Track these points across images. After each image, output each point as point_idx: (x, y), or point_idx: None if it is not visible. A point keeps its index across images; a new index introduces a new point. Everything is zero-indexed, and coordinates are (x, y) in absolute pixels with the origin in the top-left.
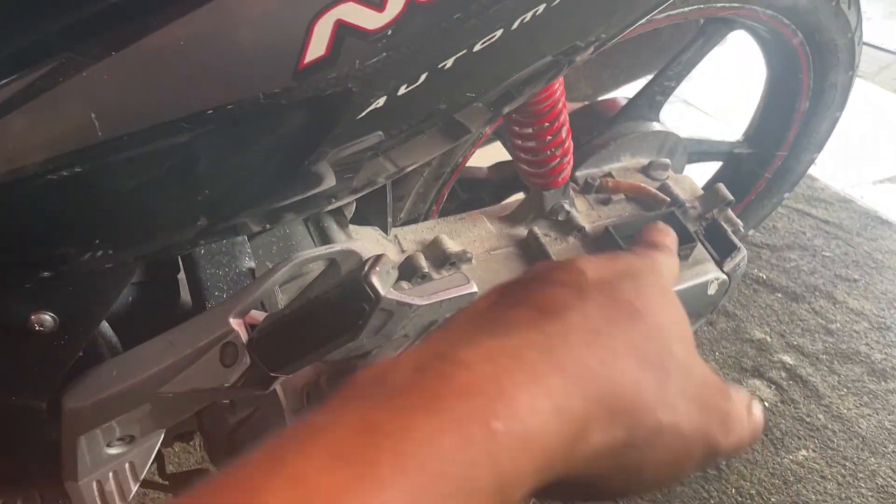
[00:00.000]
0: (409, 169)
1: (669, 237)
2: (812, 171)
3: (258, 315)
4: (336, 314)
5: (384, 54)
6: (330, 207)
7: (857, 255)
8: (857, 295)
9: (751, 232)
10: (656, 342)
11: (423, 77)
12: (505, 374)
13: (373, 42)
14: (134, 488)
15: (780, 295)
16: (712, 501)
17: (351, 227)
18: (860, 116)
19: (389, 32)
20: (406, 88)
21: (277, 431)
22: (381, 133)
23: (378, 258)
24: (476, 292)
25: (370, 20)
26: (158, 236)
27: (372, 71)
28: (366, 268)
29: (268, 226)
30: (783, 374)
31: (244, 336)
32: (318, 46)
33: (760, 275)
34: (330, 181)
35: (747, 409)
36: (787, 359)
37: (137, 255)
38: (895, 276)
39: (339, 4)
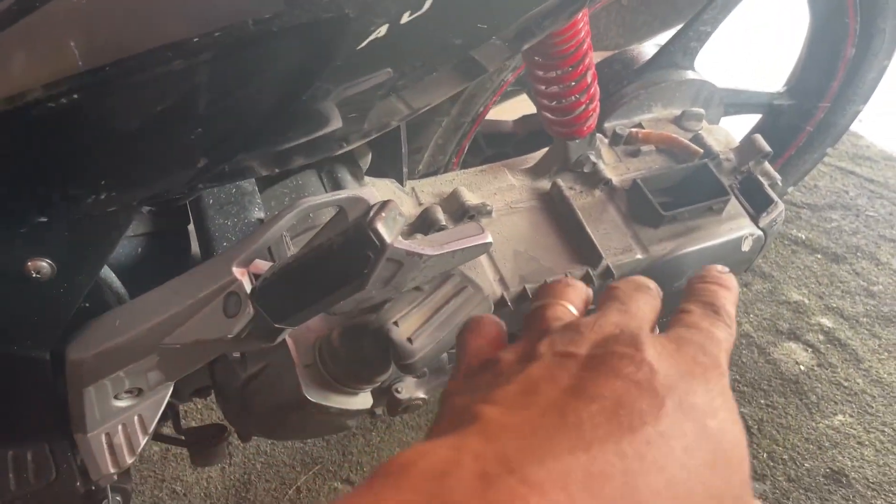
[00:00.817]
0: (423, 110)
1: (732, 292)
2: (857, 127)
3: (263, 265)
4: (340, 263)
5: None
6: (341, 151)
7: None
8: None
9: (790, 189)
10: (725, 473)
11: (427, 3)
12: None
13: None
14: (143, 441)
15: (819, 256)
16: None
17: (366, 178)
18: None
19: None
20: (410, 16)
21: None
22: (389, 69)
23: (384, 204)
24: (490, 242)
25: None
26: (156, 177)
27: None
28: (371, 214)
29: (276, 170)
30: (821, 337)
31: (248, 286)
32: None
33: (799, 235)
34: (336, 122)
35: None
36: (826, 321)
37: (135, 198)
38: None
39: None
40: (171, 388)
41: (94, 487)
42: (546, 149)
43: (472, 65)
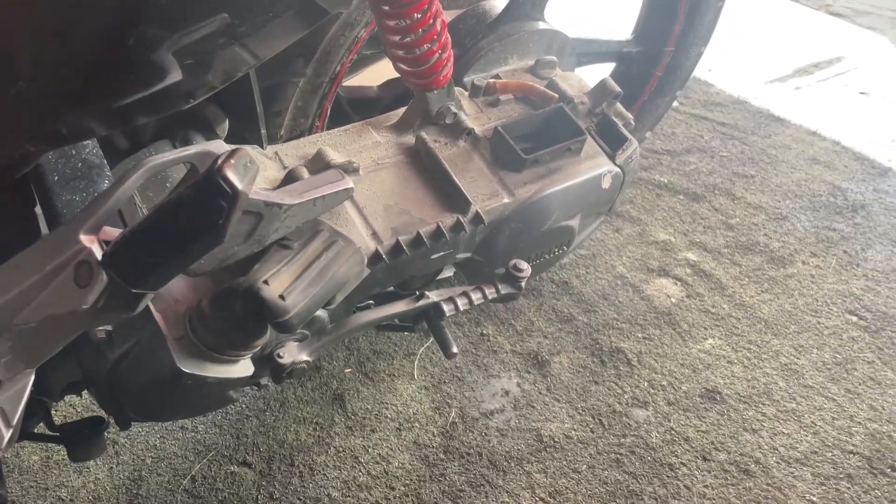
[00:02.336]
0: (269, 56)
1: None
2: (707, 76)
3: (113, 231)
4: (193, 216)
5: None
6: (188, 107)
7: (752, 153)
8: (754, 190)
9: (648, 134)
10: None
11: None
12: None
13: None
14: (6, 435)
15: (681, 197)
16: (627, 396)
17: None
18: (748, 20)
19: None
20: None
21: None
22: (225, 14)
23: (233, 152)
24: (352, 188)
25: None
26: None
27: None
28: (219, 162)
29: (122, 132)
30: (688, 271)
31: (98, 252)
32: None
33: (662, 179)
34: (176, 74)
35: None
36: (691, 256)
37: None
38: (789, 169)
39: None
40: (32, 377)
41: None
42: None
43: (314, 8)
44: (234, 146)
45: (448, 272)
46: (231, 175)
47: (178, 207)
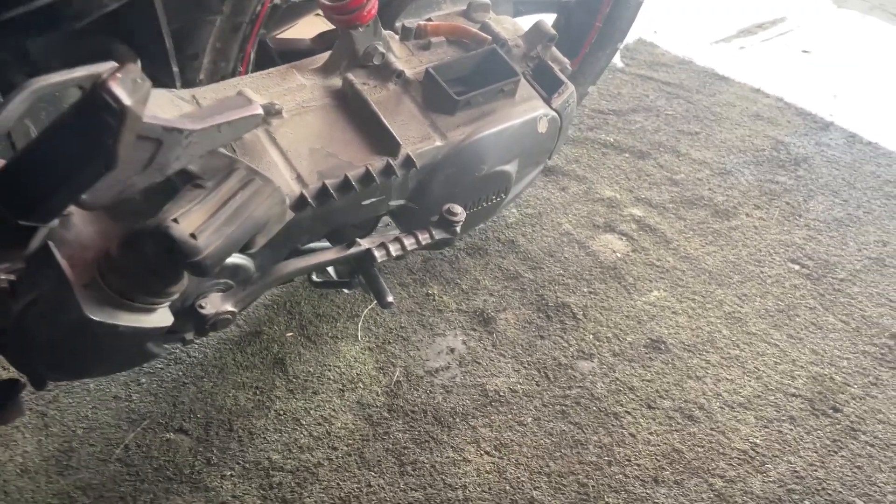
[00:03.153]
0: None
1: None
2: (652, 38)
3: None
4: (79, 137)
5: None
6: (79, 26)
7: (697, 111)
8: (698, 146)
9: (592, 89)
10: None
11: None
12: None
13: None
14: None
15: (627, 155)
16: (572, 349)
17: None
18: None
19: None
20: None
21: None
22: None
23: (121, 66)
24: (261, 113)
25: None
26: None
27: None
28: (104, 76)
29: (17, 63)
30: (633, 226)
31: None
32: None
33: (608, 139)
34: None
35: None
36: (637, 211)
37: None
38: (733, 125)
39: None
40: None
41: None
42: None
43: None
44: (125, 63)
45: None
46: (117, 89)
47: (62, 129)
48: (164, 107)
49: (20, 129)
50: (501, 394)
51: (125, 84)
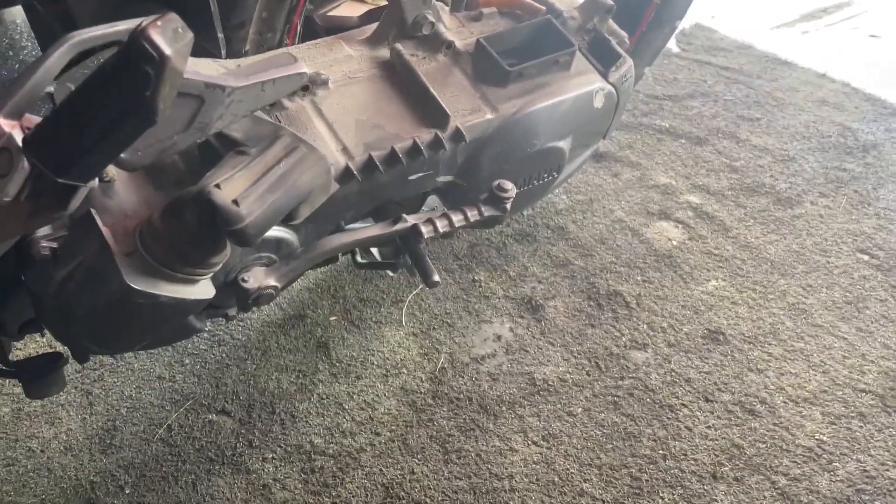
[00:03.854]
0: None
1: None
2: (711, 23)
3: (36, 119)
4: (117, 88)
5: None
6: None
7: (758, 96)
8: (759, 132)
9: (647, 71)
10: None
11: None
12: None
13: None
14: None
15: (683, 141)
16: (625, 339)
17: None
18: None
19: None
20: None
21: None
22: None
23: (162, 15)
24: (306, 73)
25: None
26: None
27: None
28: (143, 23)
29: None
30: (690, 214)
31: (19, 138)
32: None
33: (664, 124)
34: None
35: None
36: (693, 198)
37: None
38: (797, 111)
39: None
40: None
41: None
42: None
43: None
44: (165, 12)
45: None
46: (157, 38)
47: (100, 80)
48: (206, 67)
49: (62, 91)
50: (550, 383)
51: (165, 33)
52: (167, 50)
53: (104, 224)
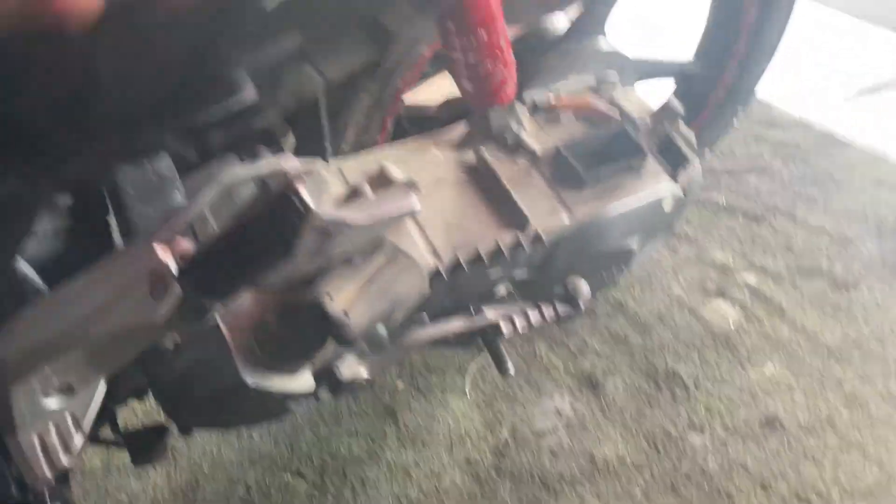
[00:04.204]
0: (338, 79)
1: None
2: (768, 98)
3: (187, 244)
4: (266, 232)
5: None
6: (259, 126)
7: (815, 174)
8: (817, 212)
9: (708, 153)
10: None
11: None
12: None
13: None
14: (79, 441)
15: (740, 217)
16: (682, 421)
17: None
18: (813, 41)
19: None
20: None
21: None
22: (298, 34)
23: (308, 171)
24: (418, 209)
25: None
26: (63, 157)
27: None
28: (294, 180)
29: (191, 147)
30: (747, 294)
31: (174, 266)
32: None
33: (720, 199)
34: (251, 93)
35: None
36: (750, 278)
37: (48, 179)
38: (854, 191)
39: None
40: (104, 384)
41: (32, 495)
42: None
43: (382, 31)
44: (306, 161)
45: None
46: (305, 194)
47: (252, 225)
48: (320, 186)
49: (199, 218)
50: (609, 462)
51: (311, 189)
52: (312, 204)
53: (223, 321)
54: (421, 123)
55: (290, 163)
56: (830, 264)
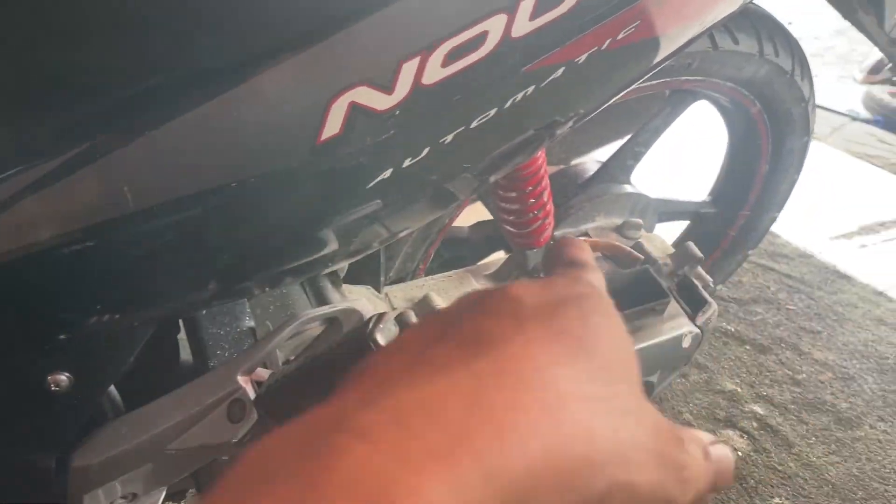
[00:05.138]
0: (401, 234)
1: (586, 251)
2: (774, 227)
3: (263, 372)
4: (341, 371)
5: (392, 132)
6: (327, 270)
7: (819, 308)
8: (820, 346)
9: (718, 287)
10: (606, 382)
11: (425, 151)
12: (416, 443)
13: (382, 121)
14: None
15: (748, 347)
16: None
17: (344, 286)
18: (814, 175)
19: (397, 112)
20: (410, 161)
21: None
22: (380, 201)
23: (381, 316)
24: None
25: (380, 102)
26: (173, 300)
27: (381, 147)
28: (370, 325)
29: (268, 288)
30: (755, 424)
31: (252, 393)
32: (333, 125)
33: (729, 328)
34: (333, 246)
35: (705, 454)
36: (758, 409)
37: (153, 317)
38: (855, 328)
39: (352, 88)
40: (164, 492)
41: None
42: (504, 255)
43: (447, 195)
44: (381, 312)
45: None
46: (380, 339)
47: (329, 362)
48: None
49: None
50: None
51: (385, 334)
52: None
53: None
54: (454, 244)
55: (362, 305)
56: (835, 399)
